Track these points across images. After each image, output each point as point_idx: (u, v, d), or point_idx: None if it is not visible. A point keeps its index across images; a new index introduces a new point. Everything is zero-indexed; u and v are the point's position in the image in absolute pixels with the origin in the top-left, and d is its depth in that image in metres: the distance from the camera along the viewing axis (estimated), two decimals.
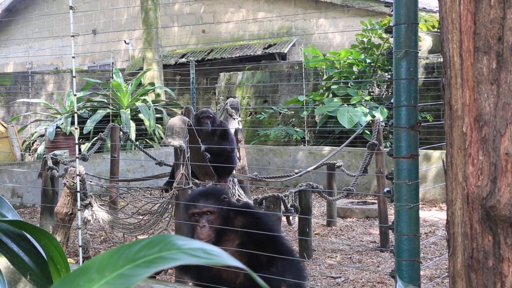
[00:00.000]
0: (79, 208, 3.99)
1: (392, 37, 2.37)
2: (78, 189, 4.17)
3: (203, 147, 6.10)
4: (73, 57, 3.16)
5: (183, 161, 5.48)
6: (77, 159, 3.72)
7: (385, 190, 2.46)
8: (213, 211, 3.24)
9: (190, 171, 5.64)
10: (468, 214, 1.73)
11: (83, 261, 5.92)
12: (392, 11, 2.38)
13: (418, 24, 2.33)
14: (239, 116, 7.54)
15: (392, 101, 2.38)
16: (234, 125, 7.31)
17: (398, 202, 2.33)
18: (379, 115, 9.99)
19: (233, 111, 7.36)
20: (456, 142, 1.76)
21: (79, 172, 5.82)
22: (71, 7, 3.09)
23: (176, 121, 5.61)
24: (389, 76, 11.02)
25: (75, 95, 3.31)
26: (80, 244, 3.54)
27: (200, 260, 0.78)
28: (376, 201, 7.47)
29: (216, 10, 16.66)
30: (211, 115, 6.64)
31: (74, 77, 3.27)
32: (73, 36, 3.11)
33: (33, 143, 12.98)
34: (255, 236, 3.16)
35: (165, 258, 0.77)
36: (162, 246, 0.80)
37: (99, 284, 0.76)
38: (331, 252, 6.54)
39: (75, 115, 3.35)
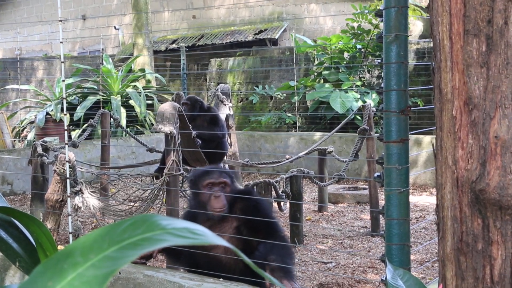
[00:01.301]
0: (69, 194, 3.96)
1: (382, 21, 2.36)
2: (68, 176, 4.13)
3: (194, 133, 6.08)
4: (61, 42, 3.13)
5: (174, 147, 5.47)
6: (67, 146, 3.69)
7: (375, 175, 2.46)
8: (227, 184, 3.33)
9: (181, 157, 5.62)
10: (458, 197, 1.73)
11: None
12: None
13: (408, 7, 2.31)
14: (230, 102, 7.51)
15: (382, 85, 2.38)
16: (225, 111, 7.29)
17: (388, 187, 2.33)
18: (370, 101, 9.99)
19: (224, 97, 7.33)
20: (446, 125, 1.75)
21: (69, 159, 5.80)
22: None
23: (167, 107, 5.59)
24: (379, 60, 11.01)
25: (63, 80, 3.28)
26: (70, 231, 3.53)
27: (186, 240, 0.77)
28: (367, 186, 7.49)
29: None
30: (188, 102, 6.63)
31: (63, 62, 3.24)
32: (61, 21, 3.07)
33: (23, 130, 12.91)
34: (252, 220, 3.21)
35: (150, 239, 0.76)
36: (145, 227, 0.78)
37: (84, 267, 0.75)
38: (322, 237, 6.56)
39: (64, 101, 3.32)
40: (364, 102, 9.89)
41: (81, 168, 6.34)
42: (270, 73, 13.03)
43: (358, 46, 11.57)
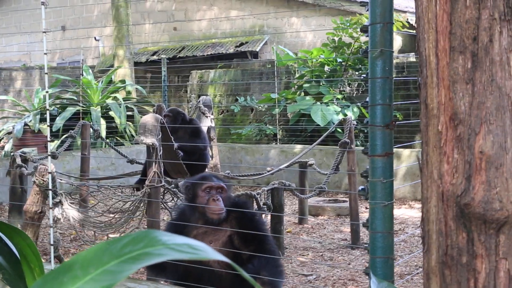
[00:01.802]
0: (50, 206, 3.93)
1: (367, 36, 2.39)
2: (50, 187, 4.10)
3: (175, 145, 6.08)
4: (45, 54, 3.11)
5: (156, 159, 5.45)
6: (49, 157, 3.66)
7: (359, 188, 2.48)
8: (225, 189, 3.38)
9: (162, 169, 5.61)
10: (443, 211, 1.76)
11: (54, 260, 5.85)
12: (367, 10, 2.39)
13: (393, 23, 2.35)
14: (212, 114, 7.52)
15: (367, 99, 2.40)
16: (207, 123, 7.30)
17: (373, 200, 2.35)
18: (351, 114, 10.06)
19: (206, 109, 7.34)
20: (432, 140, 1.78)
21: (49, 170, 5.75)
22: (42, 3, 3.04)
23: (149, 118, 5.58)
24: (362, 75, 11.11)
25: (47, 92, 3.26)
26: (51, 242, 3.49)
27: (186, 255, 0.77)
28: (347, 199, 7.52)
29: (188, 7, 16.59)
30: (170, 114, 6.64)
31: (46, 73, 3.23)
32: (45, 32, 3.06)
33: (0, 141, 12.77)
34: (245, 232, 3.23)
35: (150, 254, 0.77)
36: (146, 242, 0.79)
37: (83, 281, 0.75)
38: (302, 250, 6.57)
39: (47, 112, 3.30)
40: (345, 115, 9.96)
41: (60, 180, 6.28)
42: (251, 86, 13.07)
43: (339, 60, 11.66)
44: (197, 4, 16.46)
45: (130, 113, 12.04)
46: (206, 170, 7.08)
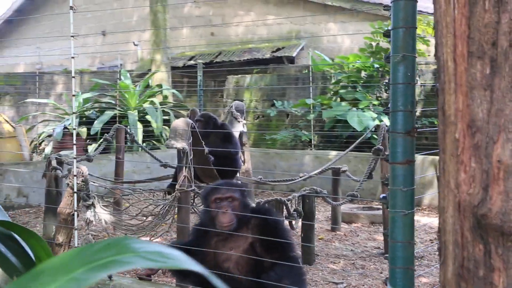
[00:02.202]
0: (75, 209, 3.97)
1: (389, 41, 2.34)
2: (76, 190, 4.14)
3: (206, 149, 6.08)
4: (73, 57, 3.15)
5: (186, 163, 5.47)
6: (75, 160, 3.70)
7: (381, 196, 2.43)
8: (235, 198, 3.33)
9: (193, 173, 5.62)
10: (460, 222, 1.70)
11: None
12: (390, 14, 2.35)
13: (416, 28, 2.29)
14: (244, 119, 7.51)
15: (389, 106, 2.35)
16: (239, 128, 7.29)
17: (393, 209, 2.29)
18: (386, 121, 9.93)
19: (238, 114, 7.33)
20: (449, 148, 1.72)
21: (82, 173, 5.82)
22: (71, 7, 3.08)
23: (180, 123, 5.60)
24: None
25: (73, 95, 3.30)
26: (75, 245, 3.52)
27: (155, 263, 0.76)
28: (381, 207, 7.42)
29: (225, 13, 16.66)
30: (202, 119, 6.63)
31: (73, 77, 3.27)
32: (72, 36, 3.10)
33: (40, 143, 13.02)
34: (267, 239, 3.18)
35: (118, 262, 0.75)
36: (118, 249, 0.78)
37: None
38: (334, 257, 6.49)
39: (74, 116, 3.33)
40: (381, 121, 9.83)
41: (93, 182, 6.35)
42: (286, 91, 13.04)
43: (376, 65, 11.53)
44: (235, 10, 16.53)
45: (166, 117, 12.14)
46: (238, 175, 7.07)
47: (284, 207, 5.63)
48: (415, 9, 2.29)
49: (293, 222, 6.05)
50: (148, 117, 11.80)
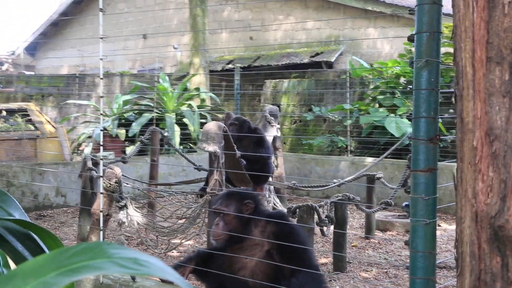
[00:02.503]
0: (101, 209, 4.01)
1: (413, 46, 2.29)
2: (101, 190, 4.19)
3: (238, 153, 6.07)
4: (101, 59, 3.18)
5: (217, 167, 5.47)
6: (101, 162, 3.74)
7: (403, 204, 2.38)
8: (225, 213, 3.26)
9: (224, 176, 5.62)
10: (477, 233, 1.64)
11: None
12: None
13: (441, 32, 2.24)
14: (278, 124, 7.48)
15: (411, 112, 2.30)
16: (272, 132, 7.26)
17: (414, 217, 2.24)
18: None
19: (272, 118, 7.31)
20: (467, 156, 1.67)
21: (116, 174, 5.89)
22: (101, 9, 3.11)
23: (211, 126, 5.61)
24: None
25: (101, 97, 3.33)
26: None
27: (128, 270, 0.74)
28: None
29: (265, 17, 16.68)
30: (236, 122, 6.60)
31: (102, 79, 3.30)
32: (101, 38, 3.13)
33: (81, 144, 13.25)
34: (284, 246, 3.12)
35: (91, 267, 0.74)
36: (93, 254, 0.77)
37: None
38: (367, 265, 6.40)
39: (101, 117, 3.37)
40: None
41: (127, 184, 6.42)
42: (324, 96, 12.96)
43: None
44: (274, 14, 16.53)
45: (203, 120, 12.19)
46: (270, 179, 7.04)
47: (316, 213, 5.57)
48: (440, 13, 2.24)
49: (325, 228, 5.99)
50: (185, 120, 11.88)
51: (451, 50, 8.11)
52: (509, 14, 1.55)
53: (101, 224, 3.88)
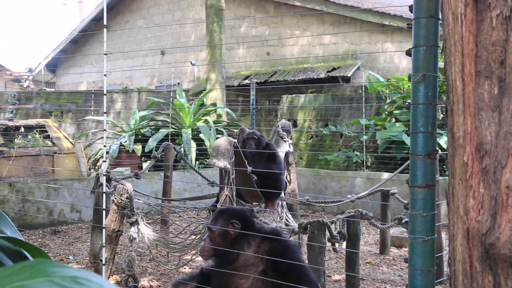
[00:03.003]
0: (104, 226, 4.00)
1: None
2: (104, 207, 4.18)
3: (249, 169, 6.04)
4: (105, 75, 3.19)
5: (228, 183, 5.45)
6: (104, 177, 3.74)
7: (403, 221, 2.33)
8: (212, 230, 3.27)
9: (234, 192, 5.59)
10: (468, 251, 1.60)
11: (129, 279, 5.97)
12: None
13: (438, 46, 2.20)
14: (290, 139, 7.43)
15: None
16: (285, 147, 7.22)
17: (412, 234, 2.19)
18: (442, 142, 9.67)
19: (284, 133, 7.27)
20: (458, 172, 1.63)
21: (127, 190, 5.90)
22: (105, 26, 3.12)
23: (222, 142, 5.59)
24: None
25: (105, 112, 3.34)
26: (104, 262, 3.54)
27: None
28: None
29: (281, 33, 16.71)
30: (256, 137, 6.54)
31: (105, 94, 3.30)
32: (105, 54, 3.14)
33: (98, 160, 13.33)
34: (280, 264, 3.06)
35: (26, 287, 0.72)
36: (31, 273, 0.75)
37: None
38: (380, 282, 6.32)
39: (105, 133, 3.37)
40: (438, 144, 9.59)
41: (138, 199, 6.42)
42: (341, 111, 12.91)
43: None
44: (291, 29, 16.55)
45: (219, 135, 12.20)
46: (283, 195, 6.99)
47: (327, 229, 5.51)
48: (437, 27, 2.20)
49: (336, 245, 5.92)
50: (201, 136, 11.90)
51: None
52: (497, 27, 1.52)
53: (103, 241, 3.86)
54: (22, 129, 11.82)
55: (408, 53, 2.33)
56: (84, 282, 0.74)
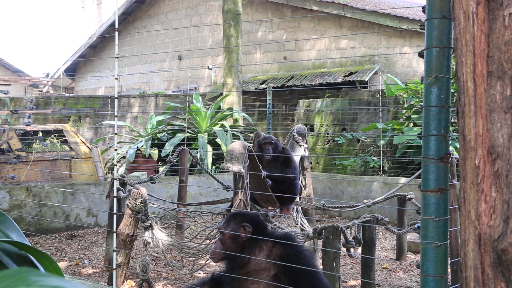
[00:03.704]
0: (114, 230, 3.99)
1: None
2: (115, 211, 4.16)
3: (264, 173, 6.00)
4: (116, 78, 3.18)
5: (242, 187, 5.42)
6: (115, 182, 3.72)
7: (415, 226, 2.28)
8: (223, 232, 3.26)
9: (248, 197, 5.56)
10: (480, 257, 1.55)
11: (143, 284, 5.96)
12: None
13: (451, 47, 2.15)
14: (306, 143, 7.38)
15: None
16: (300, 152, 7.17)
17: (424, 240, 2.14)
18: (453, 148, 9.55)
19: (300, 137, 7.22)
20: (469, 176, 1.58)
21: (141, 194, 5.89)
22: (116, 29, 3.11)
23: (236, 146, 5.57)
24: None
25: (116, 116, 3.33)
26: (114, 267, 3.53)
27: None
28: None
29: (299, 37, 16.67)
30: (273, 141, 6.50)
31: (116, 98, 3.29)
32: (117, 58, 3.13)
33: (115, 165, 13.36)
34: (292, 269, 3.02)
35: None
36: (13, 281, 0.72)
37: None
38: None
39: (116, 136, 3.36)
40: (455, 148, 9.48)
41: (153, 204, 6.41)
42: (358, 116, 12.82)
43: (451, 90, 11.13)
44: (308, 34, 16.50)
45: (236, 140, 12.18)
46: (298, 200, 6.94)
47: (342, 234, 5.45)
48: (450, 28, 2.15)
49: (352, 250, 5.86)
50: (218, 140, 11.89)
51: None
52: (510, 26, 1.47)
53: (114, 245, 3.84)
54: (40, 134, 11.89)
55: (420, 54, 2.29)
56: None
